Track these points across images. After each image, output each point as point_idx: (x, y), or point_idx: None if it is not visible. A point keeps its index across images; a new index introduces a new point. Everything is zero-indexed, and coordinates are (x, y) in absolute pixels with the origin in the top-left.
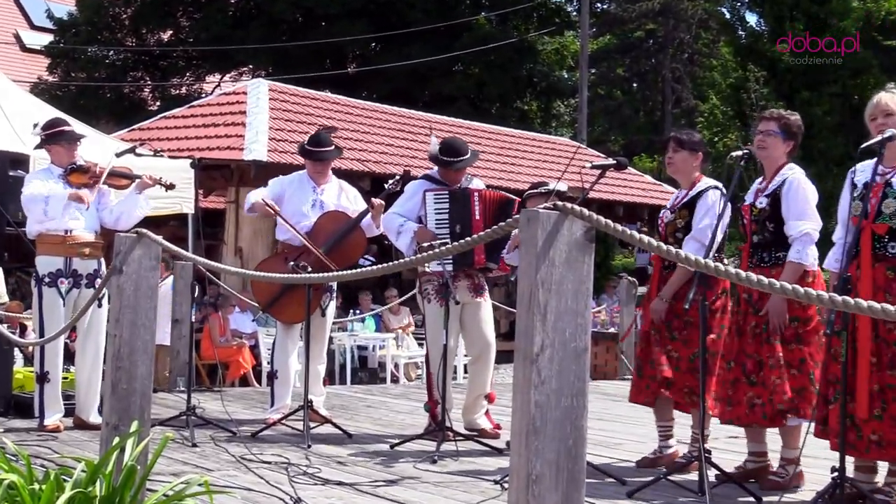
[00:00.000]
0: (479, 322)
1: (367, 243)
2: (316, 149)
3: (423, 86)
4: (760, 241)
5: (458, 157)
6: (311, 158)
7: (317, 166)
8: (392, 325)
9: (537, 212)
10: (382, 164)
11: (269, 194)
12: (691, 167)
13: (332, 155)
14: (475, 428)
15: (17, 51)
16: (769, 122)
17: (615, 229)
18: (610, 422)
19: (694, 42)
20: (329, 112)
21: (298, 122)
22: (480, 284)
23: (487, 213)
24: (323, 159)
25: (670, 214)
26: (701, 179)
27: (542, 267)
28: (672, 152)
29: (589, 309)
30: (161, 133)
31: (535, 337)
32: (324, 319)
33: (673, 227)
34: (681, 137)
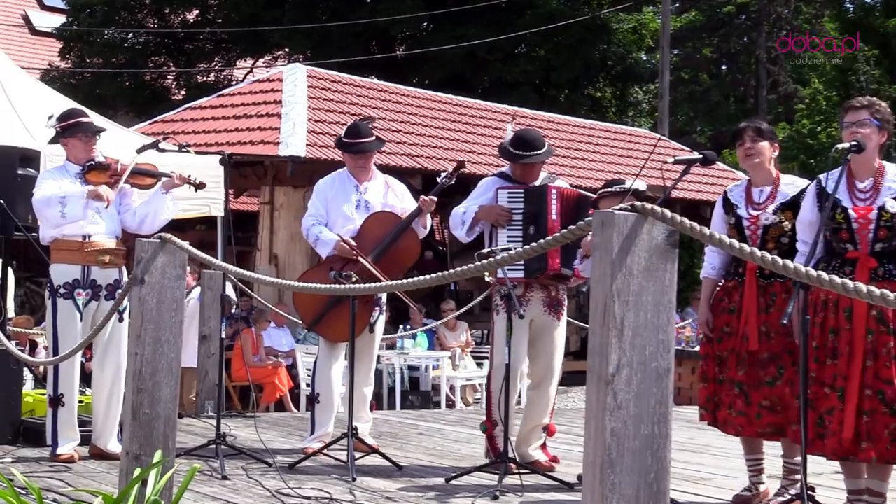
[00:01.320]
0: (549, 345)
1: (420, 248)
2: (355, 140)
3: (482, 71)
4: (886, 250)
5: (530, 151)
6: (350, 151)
7: (358, 160)
8: (448, 343)
9: (612, 213)
10: (435, 160)
11: (317, 212)
12: (770, 160)
13: (374, 146)
14: (529, 461)
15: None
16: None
17: (702, 233)
18: (696, 453)
19: (793, 17)
20: (375, 101)
21: (341, 112)
22: (558, 299)
23: (565, 214)
24: (364, 151)
25: (772, 216)
26: (781, 176)
27: (618, 276)
28: (751, 142)
29: (672, 324)
30: (186, 126)
31: (610, 356)
32: (372, 337)
33: (778, 230)
34: (760, 126)
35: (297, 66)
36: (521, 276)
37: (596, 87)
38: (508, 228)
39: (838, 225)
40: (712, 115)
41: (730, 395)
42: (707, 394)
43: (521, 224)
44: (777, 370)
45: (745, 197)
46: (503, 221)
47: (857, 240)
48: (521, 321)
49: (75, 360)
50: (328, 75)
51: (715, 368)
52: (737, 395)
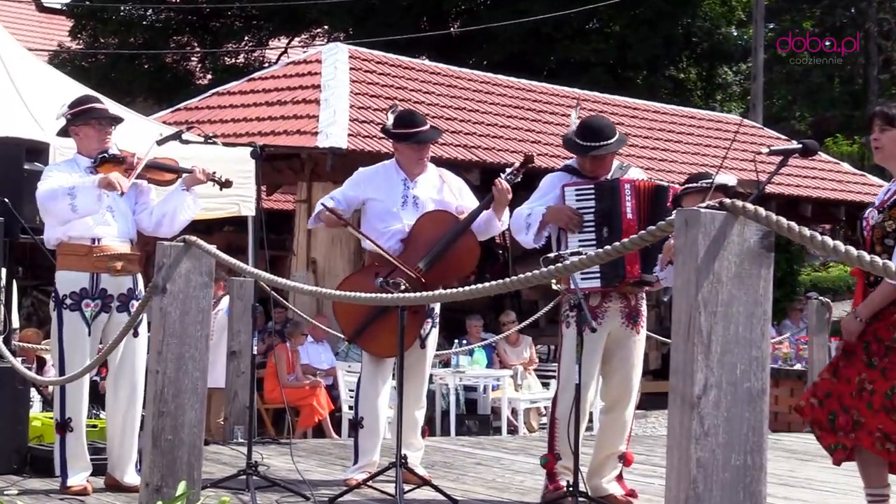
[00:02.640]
0: (626, 362)
1: (479, 252)
2: (413, 129)
3: (547, 50)
4: None
5: (599, 142)
6: (407, 142)
7: (416, 152)
8: (509, 360)
9: (697, 212)
10: (495, 152)
11: (342, 196)
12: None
13: (434, 136)
14: (602, 494)
15: (32, 11)
16: None
17: (801, 234)
18: (797, 488)
19: None
20: (426, 84)
21: (387, 97)
22: (636, 309)
23: (642, 211)
24: (426, 142)
25: (878, 215)
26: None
27: (704, 284)
28: (879, 132)
29: (767, 338)
30: (213, 114)
31: (696, 375)
32: (423, 352)
33: (881, 231)
34: (888, 112)
35: (337, 45)
36: (597, 286)
37: (679, 68)
38: (580, 231)
39: None
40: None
41: None
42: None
43: (593, 225)
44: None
45: (881, 197)
46: (574, 226)
47: None
48: (593, 335)
49: (84, 380)
50: (373, 56)
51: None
52: None
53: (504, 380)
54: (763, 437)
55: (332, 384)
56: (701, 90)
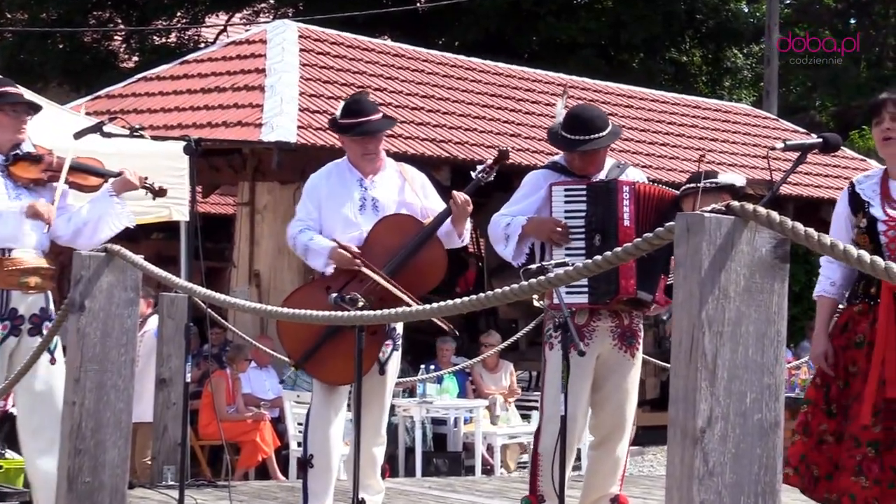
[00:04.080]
0: (619, 390)
1: (447, 263)
2: (356, 119)
3: (529, 29)
4: None
5: (589, 135)
6: (351, 135)
7: (361, 146)
8: (485, 388)
9: (701, 217)
10: (468, 147)
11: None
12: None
13: (383, 126)
14: None
15: None
16: None
17: (821, 242)
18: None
19: None
20: (389, 69)
21: (343, 84)
22: (630, 329)
23: (643, 218)
24: (370, 133)
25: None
26: None
27: (709, 299)
28: (891, 120)
29: (782, 363)
30: (140, 102)
31: (699, 405)
32: (383, 379)
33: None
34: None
35: (284, 22)
36: (585, 302)
37: (681, 50)
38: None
39: None
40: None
41: (854, 458)
42: (803, 450)
43: (583, 232)
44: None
45: (880, 192)
46: (560, 240)
47: None
48: (581, 359)
49: None
50: (327, 35)
51: (822, 419)
52: (871, 458)
53: (478, 411)
54: (776, 476)
55: (279, 417)
56: (706, 75)
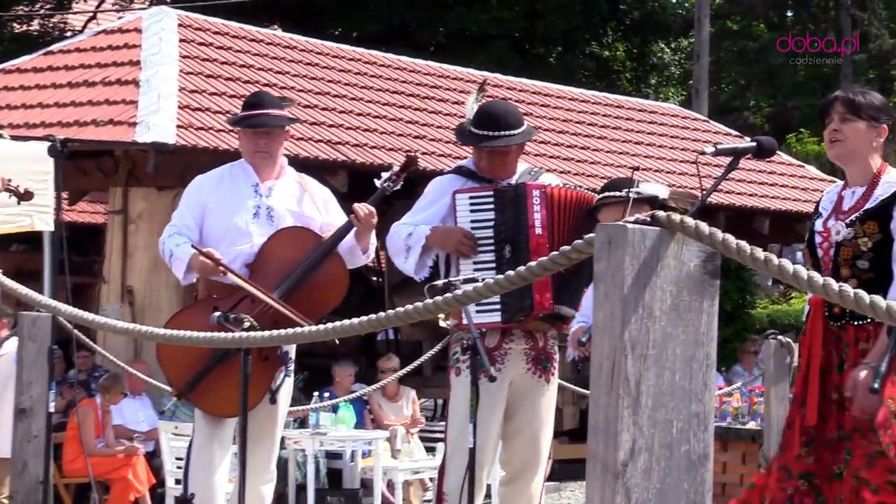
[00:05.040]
0: (533, 420)
1: (348, 281)
2: (254, 111)
3: (436, 19)
4: None
5: (497, 132)
6: (243, 125)
7: (254, 141)
8: (385, 419)
9: (624, 228)
10: (367, 150)
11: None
12: (870, 148)
13: (279, 121)
14: None
15: None
16: None
17: (754, 256)
18: None
19: None
20: (279, 62)
21: (228, 78)
22: (546, 352)
23: (558, 226)
24: (263, 126)
25: (844, 228)
26: (887, 170)
27: (631, 319)
28: (840, 121)
29: (712, 389)
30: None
31: (621, 435)
32: (273, 409)
33: (852, 249)
34: (854, 99)
35: (162, 9)
36: (496, 321)
37: (603, 44)
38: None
39: None
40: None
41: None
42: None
43: (492, 243)
44: (845, 456)
45: (835, 203)
46: (467, 251)
47: None
48: (491, 385)
49: None
50: (209, 23)
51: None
52: (803, 492)
53: (378, 444)
54: None
55: (154, 451)
56: (630, 72)
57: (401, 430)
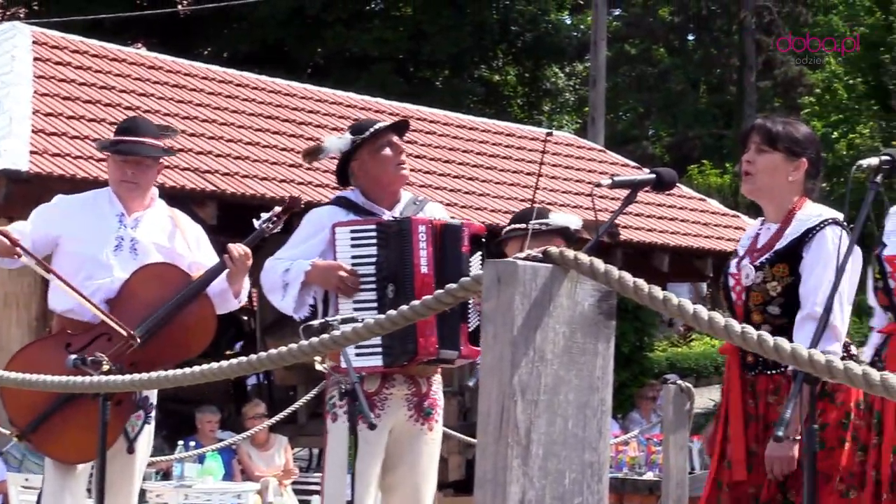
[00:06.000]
0: (415, 470)
1: (216, 324)
2: (126, 138)
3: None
4: None
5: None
6: (116, 153)
7: (121, 169)
8: (256, 469)
9: (514, 264)
10: (239, 179)
11: (23, 230)
12: (786, 183)
13: (151, 151)
14: None
15: None
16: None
17: (652, 296)
18: None
19: None
20: (143, 83)
21: (87, 101)
22: (429, 398)
23: (443, 261)
24: (131, 154)
25: (753, 271)
26: (804, 205)
27: (521, 362)
28: (755, 152)
29: (607, 437)
30: None
31: (509, 487)
32: (131, 459)
33: (762, 295)
34: (771, 128)
35: (15, 25)
36: (377, 365)
37: (493, 67)
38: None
39: (874, 283)
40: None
41: None
42: None
43: (374, 281)
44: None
45: (751, 241)
46: (349, 289)
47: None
48: (370, 434)
49: None
50: (67, 41)
51: None
52: None
53: (248, 497)
54: None
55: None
56: (522, 98)
57: (273, 481)
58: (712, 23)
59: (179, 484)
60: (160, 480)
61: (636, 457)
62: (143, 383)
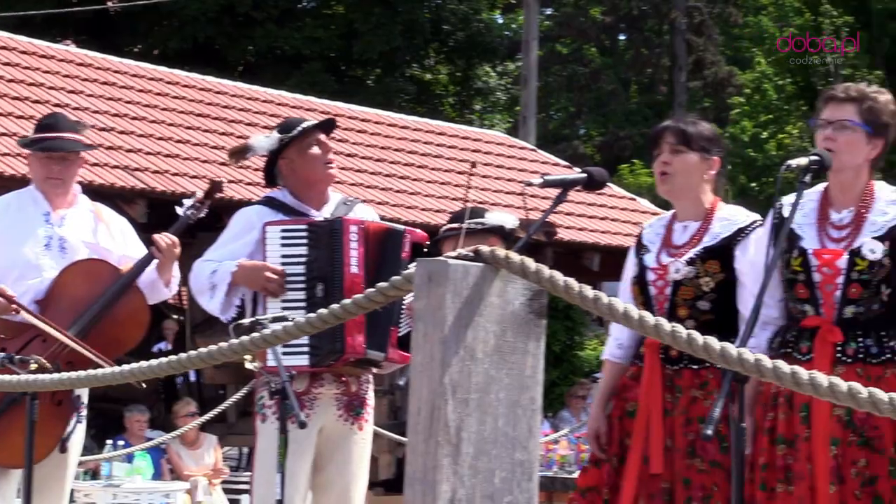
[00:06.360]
0: (345, 470)
1: (150, 318)
2: (48, 134)
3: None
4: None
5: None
6: (33, 149)
7: (45, 167)
8: (185, 468)
9: (445, 263)
10: (169, 178)
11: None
12: (701, 182)
13: (73, 146)
14: None
15: None
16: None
17: (582, 295)
18: None
19: None
20: (72, 80)
21: (15, 97)
22: (359, 397)
23: (374, 263)
24: (54, 149)
25: (683, 266)
26: (719, 204)
27: (452, 361)
28: (670, 153)
29: (537, 436)
30: None
31: (440, 486)
32: (63, 458)
33: (693, 289)
34: (685, 129)
35: None
36: (305, 364)
37: (424, 66)
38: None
39: (793, 275)
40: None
41: None
42: None
43: (303, 280)
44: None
45: (663, 237)
46: (275, 289)
47: (819, 299)
48: (299, 433)
49: None
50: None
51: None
52: None
53: (177, 496)
54: None
55: None
56: (454, 97)
57: (202, 480)
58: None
59: (108, 483)
60: (88, 480)
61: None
62: (72, 382)
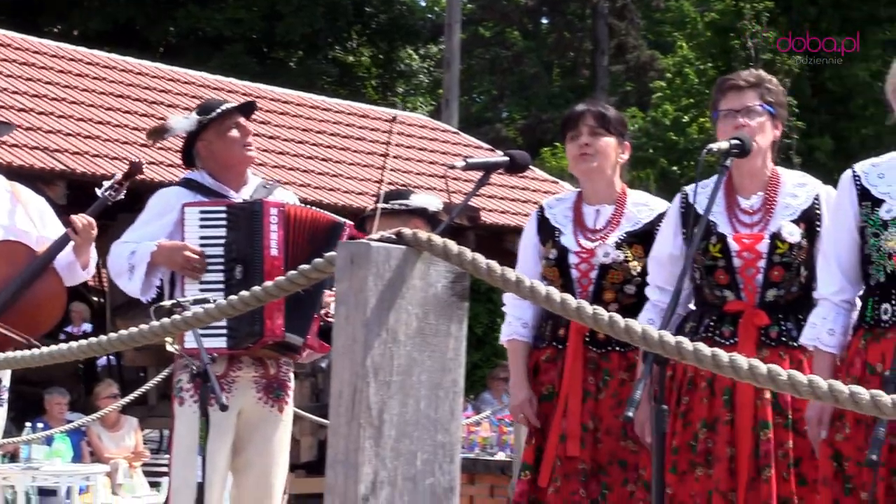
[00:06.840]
0: (265, 452)
1: (66, 299)
2: None
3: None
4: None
5: None
6: None
7: None
8: (105, 451)
9: (367, 246)
10: (88, 159)
11: None
12: (616, 165)
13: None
14: None
15: None
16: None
17: (504, 277)
18: None
19: None
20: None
21: None
22: (279, 380)
23: (294, 247)
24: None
25: (612, 250)
26: (628, 190)
27: (375, 344)
28: (589, 136)
29: (458, 418)
30: None
31: (361, 468)
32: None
33: (622, 273)
34: (605, 113)
35: None
36: (222, 346)
37: (347, 49)
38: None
39: (712, 262)
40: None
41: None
42: None
43: (221, 262)
44: (601, 489)
45: (573, 219)
46: (195, 270)
47: (739, 284)
48: (222, 415)
49: None
50: None
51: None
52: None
53: (97, 479)
54: None
55: None
56: (377, 79)
57: (123, 463)
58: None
59: (27, 466)
60: (7, 463)
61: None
62: None
